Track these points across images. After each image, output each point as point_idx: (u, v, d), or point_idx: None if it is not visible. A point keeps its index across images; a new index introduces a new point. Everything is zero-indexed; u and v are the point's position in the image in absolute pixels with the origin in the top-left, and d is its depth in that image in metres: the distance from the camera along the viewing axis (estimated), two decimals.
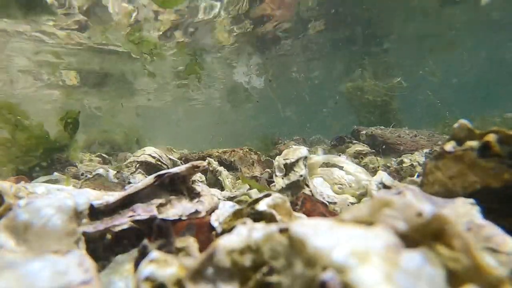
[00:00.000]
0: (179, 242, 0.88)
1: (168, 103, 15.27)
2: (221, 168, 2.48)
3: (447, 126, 5.08)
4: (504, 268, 0.58)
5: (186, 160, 3.14)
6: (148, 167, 2.79)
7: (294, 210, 1.26)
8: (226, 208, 1.06)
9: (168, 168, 2.81)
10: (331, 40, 8.65)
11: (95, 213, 0.93)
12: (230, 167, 2.91)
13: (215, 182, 2.44)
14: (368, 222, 0.55)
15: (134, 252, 0.86)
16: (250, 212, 0.87)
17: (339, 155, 2.79)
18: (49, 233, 0.84)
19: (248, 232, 0.57)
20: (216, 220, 0.98)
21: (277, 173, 1.60)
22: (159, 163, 2.82)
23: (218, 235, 0.93)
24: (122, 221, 0.90)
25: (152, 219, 0.92)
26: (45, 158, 3.00)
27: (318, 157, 2.17)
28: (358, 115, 7.10)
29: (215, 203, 1.09)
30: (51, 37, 6.59)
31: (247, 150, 3.12)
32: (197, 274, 0.56)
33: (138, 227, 0.95)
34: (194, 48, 7.63)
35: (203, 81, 9.85)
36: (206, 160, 2.66)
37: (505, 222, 0.78)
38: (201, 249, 0.88)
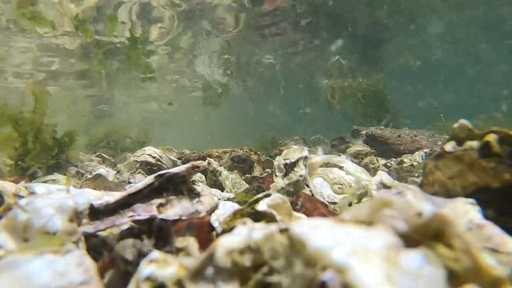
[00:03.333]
0: (179, 242, 0.88)
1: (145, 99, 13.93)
2: (221, 168, 2.48)
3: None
4: (504, 268, 0.58)
5: (186, 160, 3.13)
6: (148, 167, 2.79)
7: (294, 210, 1.26)
8: (226, 208, 1.06)
9: (168, 168, 2.81)
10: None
11: (95, 213, 0.93)
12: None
13: (215, 182, 2.44)
14: (368, 222, 0.55)
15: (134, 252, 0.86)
16: (250, 212, 0.87)
17: (339, 155, 2.80)
18: (49, 233, 0.84)
19: (248, 232, 0.56)
20: (216, 220, 0.98)
21: (277, 173, 1.60)
22: (159, 163, 2.82)
23: (218, 235, 0.93)
24: (122, 221, 0.90)
25: (152, 219, 0.92)
26: (45, 157, 2.91)
27: (318, 157, 2.17)
28: (338, 112, 6.97)
29: (215, 203, 1.08)
30: None
31: (247, 150, 3.11)
32: (197, 274, 0.56)
33: (138, 227, 0.95)
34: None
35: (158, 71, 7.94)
36: (206, 160, 2.66)
37: (505, 222, 0.78)
38: (201, 249, 0.88)
